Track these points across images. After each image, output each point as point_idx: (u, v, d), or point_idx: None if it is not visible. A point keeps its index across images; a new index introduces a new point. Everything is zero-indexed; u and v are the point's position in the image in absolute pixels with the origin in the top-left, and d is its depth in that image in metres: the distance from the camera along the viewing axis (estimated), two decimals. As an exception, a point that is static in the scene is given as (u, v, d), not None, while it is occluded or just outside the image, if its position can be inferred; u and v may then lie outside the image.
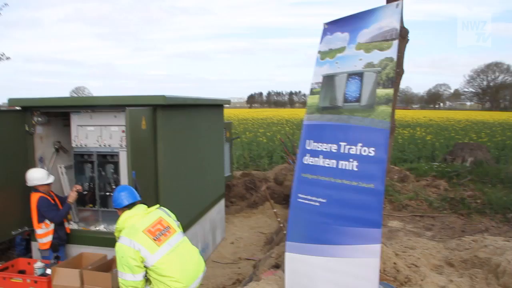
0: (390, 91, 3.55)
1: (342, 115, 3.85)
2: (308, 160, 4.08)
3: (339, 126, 3.84)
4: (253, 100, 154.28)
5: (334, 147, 3.83)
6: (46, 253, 5.74)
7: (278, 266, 5.39)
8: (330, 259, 3.74)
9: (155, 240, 3.88)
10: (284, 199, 11.33)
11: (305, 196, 4.02)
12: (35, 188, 5.75)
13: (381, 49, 3.63)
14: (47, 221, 5.70)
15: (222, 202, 9.08)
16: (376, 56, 3.66)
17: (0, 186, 5.84)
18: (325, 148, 3.92)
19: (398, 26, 3.55)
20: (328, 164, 3.86)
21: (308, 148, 4.11)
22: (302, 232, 4.03)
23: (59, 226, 5.82)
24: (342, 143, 3.76)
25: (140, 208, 4.17)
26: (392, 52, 3.56)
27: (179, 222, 4.35)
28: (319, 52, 4.28)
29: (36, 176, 5.76)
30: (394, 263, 4.83)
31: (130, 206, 4.18)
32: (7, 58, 10.97)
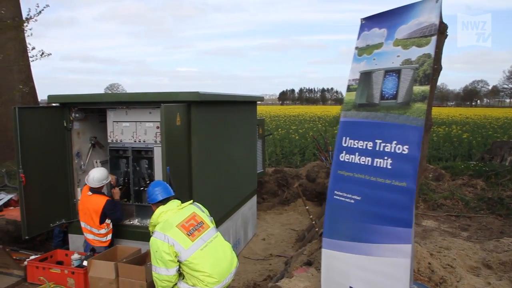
0: (426, 88, 3.49)
1: (378, 112, 3.81)
2: (344, 157, 4.06)
3: (375, 123, 3.80)
4: (285, 97, 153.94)
5: (370, 145, 3.80)
6: (102, 249, 5.86)
7: (311, 263, 5.37)
8: (363, 257, 3.73)
9: (188, 235, 3.92)
10: (316, 196, 11.27)
11: (341, 193, 4.01)
12: (96, 189, 5.86)
13: (419, 46, 3.57)
14: (107, 221, 5.83)
15: (254, 198, 9.11)
16: (414, 53, 3.60)
17: (40, 179, 6.02)
18: (361, 146, 3.89)
19: (437, 22, 3.48)
20: (363, 161, 3.83)
21: (345, 145, 4.08)
22: (337, 229, 4.03)
23: None
24: (378, 141, 3.72)
25: (174, 203, 4.21)
26: (430, 48, 3.50)
27: (212, 218, 4.38)
28: (357, 48, 4.24)
29: (103, 175, 5.90)
30: (429, 263, 4.74)
31: (164, 201, 4.23)
32: (48, 55, 11.24)
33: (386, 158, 3.61)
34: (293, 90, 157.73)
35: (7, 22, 11.69)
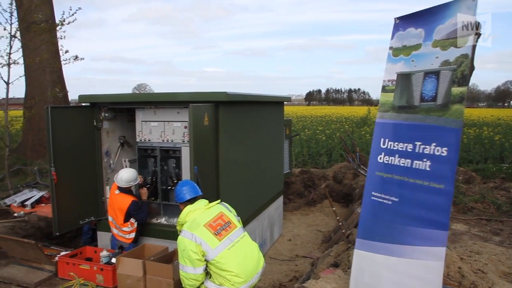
0: (464, 89, 3.45)
1: (418, 114, 3.79)
2: (383, 158, 4.04)
3: (415, 125, 3.79)
4: (311, 97, 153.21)
5: (409, 147, 3.79)
6: (126, 245, 5.99)
7: (337, 265, 5.33)
8: (395, 259, 3.71)
9: (216, 234, 3.94)
10: (342, 198, 11.20)
11: (379, 194, 4.01)
12: (124, 189, 5.97)
13: (457, 46, 3.53)
14: (132, 220, 5.92)
15: (280, 199, 9.10)
16: (452, 53, 3.56)
17: (71, 178, 6.14)
18: (401, 148, 3.88)
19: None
20: (403, 163, 3.83)
21: (383, 146, 4.06)
22: (372, 230, 4.02)
23: None
24: (418, 143, 3.71)
25: (202, 202, 4.25)
26: (467, 48, 3.45)
27: (239, 217, 4.40)
28: (391, 48, 4.19)
29: (131, 177, 6.00)
30: (459, 268, 4.65)
31: (192, 201, 4.27)
32: (81, 59, 11.48)
33: (425, 160, 3.60)
34: (319, 91, 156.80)
35: (42, 25, 11.99)
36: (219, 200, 4.40)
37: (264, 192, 7.85)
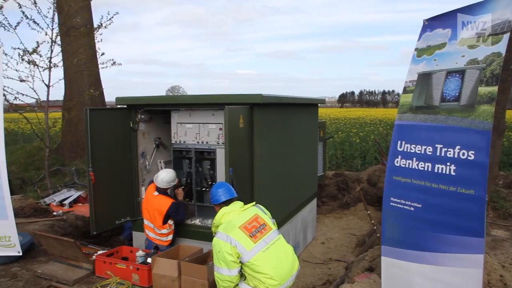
0: (493, 89, 3.28)
1: (438, 115, 3.64)
2: (400, 162, 3.91)
3: (435, 127, 3.64)
4: (344, 99, 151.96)
5: (429, 149, 3.63)
6: (164, 247, 6.03)
7: (372, 269, 5.26)
8: (429, 267, 3.59)
9: (251, 236, 3.94)
10: (377, 201, 11.03)
11: (398, 200, 3.87)
12: (162, 190, 6.03)
13: (488, 44, 3.38)
14: (170, 222, 5.98)
15: (314, 202, 9.04)
16: (482, 52, 3.40)
17: (108, 178, 6.26)
18: (419, 150, 3.73)
19: (511, 18, 3.28)
20: (422, 167, 3.67)
21: (400, 149, 3.93)
22: (397, 237, 3.90)
23: None
24: (438, 145, 3.55)
25: (237, 204, 4.25)
26: (501, 46, 3.29)
27: (274, 220, 4.38)
28: (416, 49, 4.09)
29: (172, 177, 6.07)
30: (501, 276, 4.51)
31: (227, 203, 4.28)
32: (119, 64, 11.74)
33: (448, 164, 3.44)
34: (353, 93, 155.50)
35: (80, 29, 12.32)
36: (254, 202, 4.40)
37: (298, 194, 7.82)
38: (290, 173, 7.24)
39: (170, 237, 6.03)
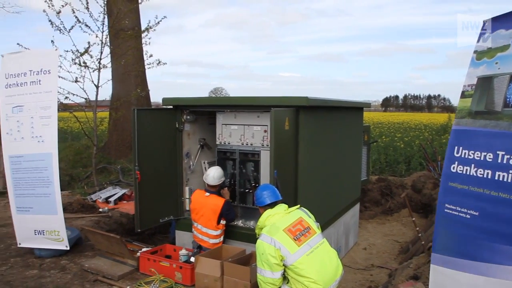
0: None
1: (501, 121, 3.48)
2: (456, 168, 3.78)
3: (496, 133, 3.48)
4: (388, 103, 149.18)
5: (489, 156, 3.49)
6: (207, 248, 6.04)
7: (418, 277, 5.13)
8: (482, 278, 3.44)
9: (295, 240, 3.91)
10: (421, 208, 10.80)
11: (453, 207, 3.74)
12: (212, 190, 6.08)
13: None
14: (222, 222, 6.01)
15: (357, 206, 8.93)
16: None
17: (153, 177, 6.38)
18: (478, 157, 3.58)
19: None
20: (481, 174, 3.53)
21: (457, 155, 3.80)
22: (449, 245, 3.77)
23: None
24: (500, 152, 3.39)
25: (281, 207, 4.24)
26: None
27: (318, 223, 4.35)
28: (475, 52, 3.93)
29: (221, 173, 6.14)
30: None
31: (271, 205, 4.28)
32: (164, 64, 11.97)
33: (511, 172, 3.29)
34: (397, 97, 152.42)
35: (129, 32, 12.65)
36: (298, 205, 4.38)
37: (341, 198, 7.74)
38: (333, 176, 7.17)
39: (221, 239, 6.06)
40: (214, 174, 6.04)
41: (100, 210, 8.72)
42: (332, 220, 7.16)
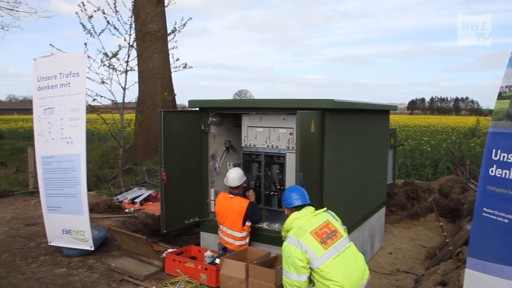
0: None
1: None
2: (495, 171, 3.70)
3: None
4: (414, 106, 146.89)
5: None
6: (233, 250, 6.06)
7: (445, 284, 5.04)
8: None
9: (321, 243, 3.89)
10: (449, 213, 10.60)
11: (491, 211, 3.66)
12: (236, 191, 6.09)
13: None
14: (247, 224, 6.02)
15: (382, 210, 8.83)
16: None
17: (179, 179, 6.43)
18: None
19: None
20: None
21: (495, 158, 3.71)
22: (486, 250, 3.69)
23: None
24: None
25: (308, 210, 4.22)
26: None
27: (345, 227, 4.30)
28: None
29: (241, 173, 6.15)
30: None
31: (299, 208, 4.26)
32: (190, 67, 12.07)
33: None
34: (423, 99, 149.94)
35: (155, 35, 12.81)
36: (325, 208, 4.34)
37: (367, 202, 7.67)
38: (359, 180, 7.11)
39: (247, 240, 6.06)
40: (233, 175, 6.06)
41: (126, 210, 8.83)
42: (357, 224, 7.10)
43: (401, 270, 7.81)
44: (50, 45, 9.60)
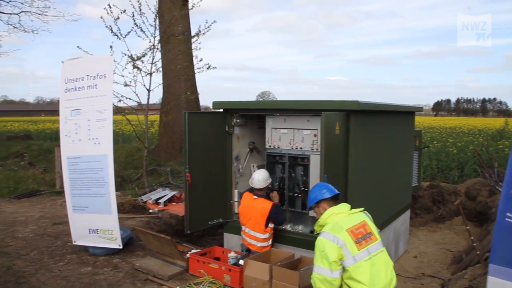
0: None
1: None
2: None
3: None
4: (439, 107, 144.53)
5: None
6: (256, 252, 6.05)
7: (473, 289, 4.95)
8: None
9: (356, 242, 3.76)
10: (475, 216, 10.40)
11: None
12: (260, 193, 6.09)
13: None
14: (270, 226, 6.01)
15: (407, 213, 8.72)
16: None
17: (203, 180, 6.46)
18: None
19: None
20: None
21: None
22: (509, 256, 3.60)
23: None
24: None
25: (345, 207, 4.11)
26: None
27: (379, 230, 4.20)
28: None
29: (266, 175, 6.14)
30: None
31: (329, 201, 4.17)
32: (214, 68, 12.11)
33: None
34: (449, 100, 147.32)
35: (180, 37, 12.92)
36: (362, 208, 4.22)
37: (391, 204, 7.58)
38: (384, 182, 7.03)
39: (270, 242, 6.05)
40: (258, 177, 6.05)
41: (151, 211, 8.92)
42: (382, 226, 7.00)
43: (427, 274, 7.70)
44: (78, 47, 9.77)
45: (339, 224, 3.86)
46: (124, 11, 10.50)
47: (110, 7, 10.35)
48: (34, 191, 11.81)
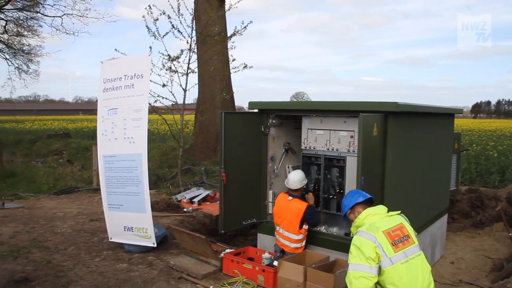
0: None
1: None
2: None
3: None
4: (478, 109, 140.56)
5: None
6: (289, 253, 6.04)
7: (515, 298, 4.77)
8: None
9: (392, 245, 3.68)
10: (517, 223, 10.04)
11: None
12: (295, 194, 6.06)
13: None
14: (304, 227, 5.99)
15: (444, 218, 8.51)
16: None
17: (238, 179, 6.48)
18: None
19: None
20: None
21: None
22: None
23: None
24: None
25: (382, 208, 4.04)
26: None
27: (417, 233, 4.10)
28: None
29: (302, 176, 6.12)
30: None
31: (363, 204, 4.11)
32: (250, 67, 12.13)
33: None
34: (488, 102, 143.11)
35: (216, 38, 13.02)
36: (399, 211, 4.14)
37: (428, 208, 7.40)
38: (421, 185, 6.89)
39: (303, 243, 6.03)
40: (294, 178, 6.03)
41: (185, 210, 9.01)
42: (418, 230, 6.83)
43: (464, 281, 7.47)
44: (115, 49, 9.93)
45: (375, 225, 3.79)
46: (164, 13, 10.65)
47: (150, 7, 10.52)
48: (72, 188, 12.13)
